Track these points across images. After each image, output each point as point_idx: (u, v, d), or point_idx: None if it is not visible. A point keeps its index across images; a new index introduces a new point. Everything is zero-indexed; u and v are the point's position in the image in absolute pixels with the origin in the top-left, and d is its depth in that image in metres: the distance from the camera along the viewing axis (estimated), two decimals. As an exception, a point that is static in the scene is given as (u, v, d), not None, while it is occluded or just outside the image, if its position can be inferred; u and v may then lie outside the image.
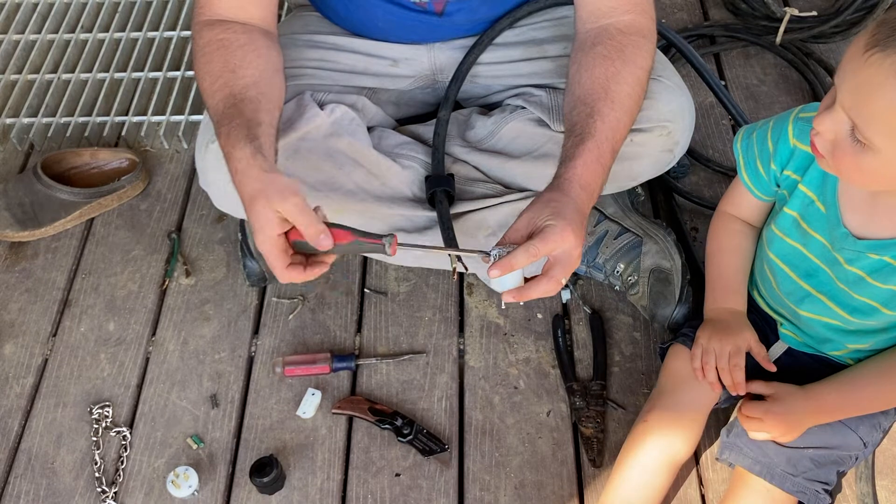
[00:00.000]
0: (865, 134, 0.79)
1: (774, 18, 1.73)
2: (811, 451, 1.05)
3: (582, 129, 1.04)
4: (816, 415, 1.04)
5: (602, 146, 1.03)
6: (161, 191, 1.56)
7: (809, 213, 0.97)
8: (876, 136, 0.78)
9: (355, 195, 1.19)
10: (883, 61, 0.74)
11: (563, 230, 0.93)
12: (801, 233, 0.99)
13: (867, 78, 0.76)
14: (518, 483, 1.17)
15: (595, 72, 1.08)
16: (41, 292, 1.42)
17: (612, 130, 1.04)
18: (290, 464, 1.20)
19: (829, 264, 0.98)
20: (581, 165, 1.01)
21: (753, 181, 1.05)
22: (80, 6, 1.89)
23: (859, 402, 1.04)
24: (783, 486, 1.04)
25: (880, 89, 0.75)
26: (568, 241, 0.93)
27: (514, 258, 0.92)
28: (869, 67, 0.75)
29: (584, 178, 1.00)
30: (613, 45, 1.10)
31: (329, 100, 1.22)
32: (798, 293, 1.05)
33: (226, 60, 1.07)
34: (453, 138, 1.28)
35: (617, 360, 1.29)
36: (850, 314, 1.00)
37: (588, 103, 1.06)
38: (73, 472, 1.21)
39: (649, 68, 1.12)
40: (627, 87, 1.08)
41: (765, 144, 1.01)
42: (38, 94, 1.71)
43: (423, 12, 1.21)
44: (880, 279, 0.94)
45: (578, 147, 1.02)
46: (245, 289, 1.40)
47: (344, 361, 1.28)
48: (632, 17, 1.12)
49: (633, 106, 1.08)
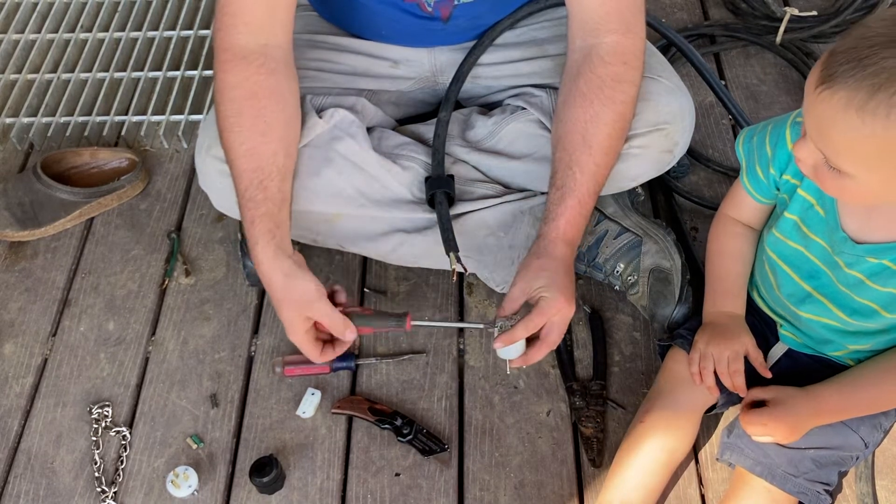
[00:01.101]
0: (835, 164, 0.79)
1: (774, 18, 1.73)
2: (812, 452, 1.05)
3: (563, 182, 1.11)
4: (818, 416, 1.04)
5: (584, 200, 1.10)
6: (161, 190, 1.56)
7: (809, 217, 0.97)
8: (845, 165, 0.78)
9: (355, 200, 1.20)
10: (832, 97, 0.74)
11: (556, 300, 1.03)
12: (802, 236, 0.99)
13: (821, 114, 0.76)
14: (518, 483, 1.17)
15: (574, 112, 1.12)
16: (41, 292, 1.42)
17: (592, 178, 1.11)
18: (289, 463, 1.20)
19: (830, 267, 0.98)
20: (564, 224, 1.09)
21: (753, 185, 1.05)
22: (80, 6, 1.89)
23: (860, 403, 1.04)
24: (784, 487, 1.04)
25: (834, 125, 0.75)
26: (562, 309, 1.04)
27: (515, 333, 1.04)
28: (821, 104, 0.75)
29: (569, 235, 1.10)
30: (594, 82, 1.11)
31: (328, 103, 1.22)
32: (799, 294, 1.04)
33: (255, 118, 1.08)
34: (453, 138, 1.28)
35: (617, 360, 1.29)
36: (850, 316, 1.00)
37: (567, 150, 1.12)
38: (72, 471, 1.21)
39: (633, 97, 1.13)
40: (606, 128, 1.11)
41: (763, 149, 1.01)
42: (37, 93, 1.71)
43: (428, 18, 1.21)
44: (879, 282, 0.94)
45: (561, 206, 1.10)
46: (245, 288, 1.40)
47: (344, 361, 1.28)
48: (616, 39, 1.11)
49: (613, 144, 1.13)
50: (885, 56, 0.71)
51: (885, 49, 0.71)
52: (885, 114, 0.71)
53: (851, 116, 0.73)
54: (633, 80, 1.13)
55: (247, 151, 1.07)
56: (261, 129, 1.08)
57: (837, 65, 0.74)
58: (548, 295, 1.04)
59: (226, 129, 1.08)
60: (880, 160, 0.76)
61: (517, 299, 1.06)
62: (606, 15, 1.11)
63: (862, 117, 0.72)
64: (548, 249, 1.08)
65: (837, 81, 0.73)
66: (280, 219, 1.07)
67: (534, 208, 1.24)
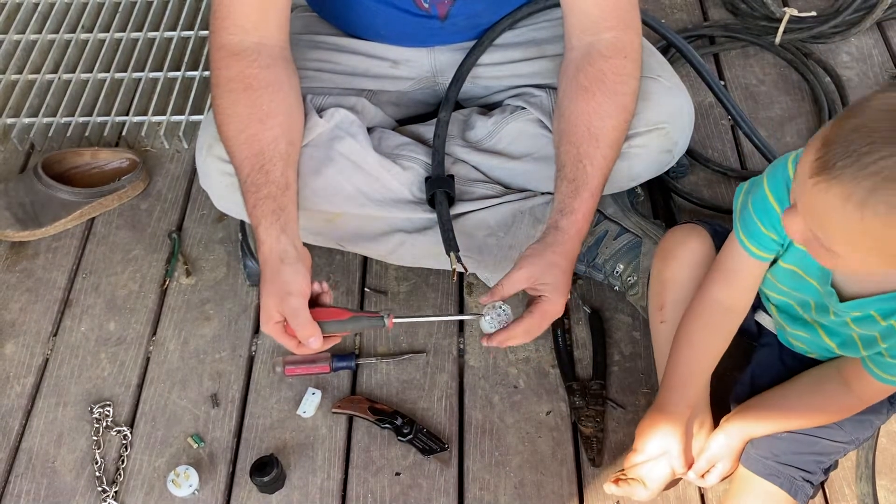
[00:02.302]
0: (828, 247, 0.77)
1: (774, 18, 1.73)
2: (787, 435, 1.05)
3: (574, 175, 1.09)
4: (750, 437, 1.07)
5: (596, 192, 1.10)
6: (161, 191, 1.56)
7: (806, 265, 0.94)
8: (837, 247, 0.77)
9: (355, 199, 1.20)
10: (828, 191, 0.72)
11: (557, 304, 1.05)
12: (798, 279, 0.97)
13: (816, 203, 0.74)
14: (518, 482, 1.18)
15: (578, 106, 1.11)
16: (42, 292, 1.42)
17: (601, 171, 1.10)
18: (290, 463, 1.20)
19: (820, 308, 0.97)
20: (582, 219, 1.09)
21: (755, 242, 0.96)
22: (81, 6, 1.89)
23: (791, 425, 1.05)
24: (755, 470, 1.05)
25: (828, 217, 0.74)
26: (558, 312, 1.06)
27: (514, 336, 1.04)
28: (817, 194, 0.73)
29: (584, 231, 1.09)
30: (595, 75, 1.11)
31: (328, 103, 1.22)
32: (792, 313, 1.04)
33: (253, 105, 1.07)
34: (453, 138, 1.28)
35: (616, 360, 1.29)
36: (838, 347, 1.00)
37: (574, 143, 1.10)
38: (73, 471, 1.21)
39: (634, 90, 1.13)
40: (611, 120, 1.10)
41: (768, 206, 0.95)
42: (38, 94, 1.71)
43: (426, 17, 1.22)
44: (863, 327, 0.93)
45: (577, 199, 1.08)
46: (245, 288, 1.40)
47: (344, 361, 1.28)
48: (614, 35, 1.12)
49: (618, 136, 1.12)
50: (884, 155, 0.69)
51: (884, 147, 0.69)
52: (885, 212, 0.70)
53: (850, 211, 0.71)
54: (633, 74, 1.13)
55: (246, 139, 1.06)
56: (259, 116, 1.07)
57: (836, 157, 0.71)
58: (550, 297, 1.04)
59: (224, 122, 1.08)
60: (878, 250, 0.74)
61: (518, 284, 1.04)
62: (604, 12, 1.12)
63: (861, 213, 0.71)
64: (565, 247, 1.07)
65: (835, 175, 0.71)
66: (284, 202, 1.05)
67: (534, 208, 1.24)
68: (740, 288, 1.01)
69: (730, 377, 1.18)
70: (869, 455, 1.12)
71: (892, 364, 0.93)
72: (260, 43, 1.09)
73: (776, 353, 1.13)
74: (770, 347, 1.14)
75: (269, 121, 1.07)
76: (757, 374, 1.14)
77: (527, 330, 1.05)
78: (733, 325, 1.05)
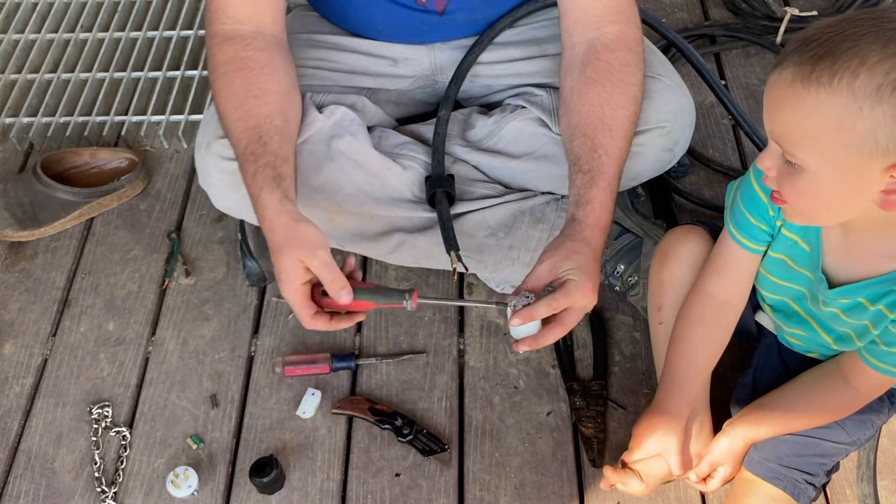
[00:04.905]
0: (790, 152, 0.79)
1: (775, 18, 1.73)
2: (789, 437, 1.05)
3: (590, 166, 1.08)
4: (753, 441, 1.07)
5: (612, 182, 1.08)
6: (161, 191, 1.56)
7: (795, 254, 0.95)
8: (797, 151, 0.78)
9: (355, 197, 1.19)
10: (780, 76, 0.76)
11: (584, 286, 0.98)
12: (788, 269, 0.98)
13: (774, 97, 0.78)
14: (518, 483, 1.17)
15: (589, 98, 1.10)
16: (41, 292, 1.42)
17: (617, 161, 1.09)
18: (289, 464, 1.20)
19: (813, 298, 0.97)
20: (599, 208, 1.06)
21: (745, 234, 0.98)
22: (80, 6, 1.89)
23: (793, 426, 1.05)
24: (758, 472, 1.05)
25: (783, 104, 0.77)
26: (587, 295, 0.99)
27: (535, 310, 0.96)
28: (773, 87, 0.77)
29: (602, 220, 1.06)
30: (602, 67, 1.11)
31: (328, 101, 1.22)
32: (787, 310, 1.04)
33: (248, 84, 1.07)
34: (453, 138, 1.28)
35: (617, 360, 1.29)
36: (835, 342, 1.00)
37: (588, 135, 1.09)
38: (72, 471, 1.21)
39: (641, 81, 1.13)
40: (623, 110, 1.10)
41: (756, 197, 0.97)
42: (37, 93, 1.71)
43: (423, 11, 1.21)
44: (853, 317, 0.93)
45: (592, 189, 1.06)
46: (245, 289, 1.40)
47: (344, 361, 1.28)
48: (617, 28, 1.12)
49: (631, 127, 1.11)
50: (829, 34, 0.73)
51: (825, 31, 0.74)
52: (828, 81, 0.73)
53: (798, 89, 0.74)
54: (639, 65, 1.13)
55: (243, 114, 1.06)
56: (255, 93, 1.07)
57: (788, 51, 0.77)
58: (576, 279, 0.98)
59: (221, 101, 1.08)
60: (829, 137, 0.75)
61: (543, 277, 1.00)
62: (605, 8, 1.12)
63: (807, 87, 0.74)
64: (584, 234, 1.03)
65: (786, 60, 0.76)
66: (283, 171, 1.03)
67: (534, 208, 1.24)
68: (733, 280, 1.02)
69: (730, 379, 1.18)
70: (870, 456, 1.12)
71: (886, 352, 0.93)
72: (255, 31, 1.11)
73: (777, 354, 1.13)
74: (771, 348, 1.14)
75: (264, 97, 1.07)
76: (759, 376, 1.14)
77: (549, 306, 0.97)
78: (729, 318, 1.05)
